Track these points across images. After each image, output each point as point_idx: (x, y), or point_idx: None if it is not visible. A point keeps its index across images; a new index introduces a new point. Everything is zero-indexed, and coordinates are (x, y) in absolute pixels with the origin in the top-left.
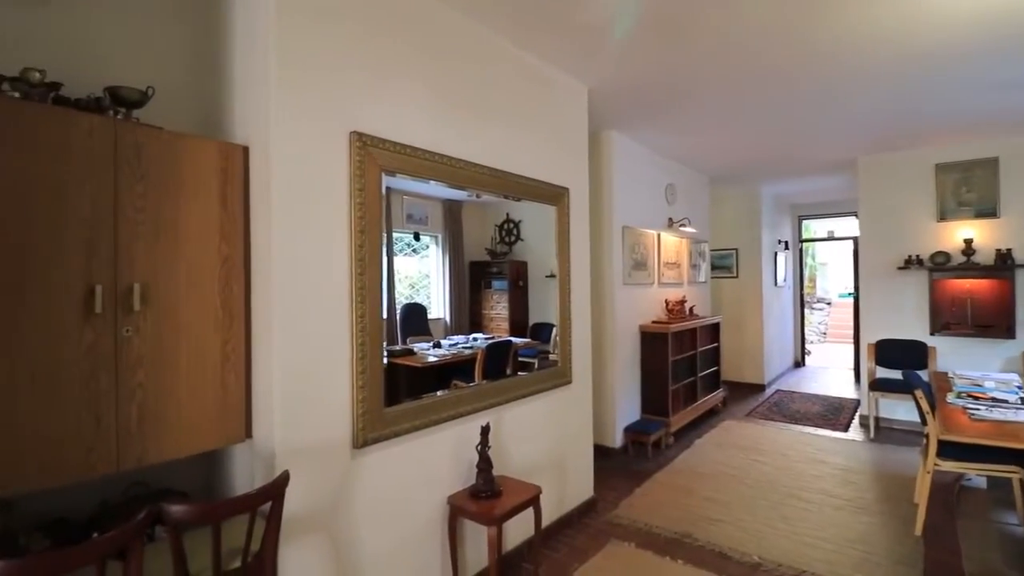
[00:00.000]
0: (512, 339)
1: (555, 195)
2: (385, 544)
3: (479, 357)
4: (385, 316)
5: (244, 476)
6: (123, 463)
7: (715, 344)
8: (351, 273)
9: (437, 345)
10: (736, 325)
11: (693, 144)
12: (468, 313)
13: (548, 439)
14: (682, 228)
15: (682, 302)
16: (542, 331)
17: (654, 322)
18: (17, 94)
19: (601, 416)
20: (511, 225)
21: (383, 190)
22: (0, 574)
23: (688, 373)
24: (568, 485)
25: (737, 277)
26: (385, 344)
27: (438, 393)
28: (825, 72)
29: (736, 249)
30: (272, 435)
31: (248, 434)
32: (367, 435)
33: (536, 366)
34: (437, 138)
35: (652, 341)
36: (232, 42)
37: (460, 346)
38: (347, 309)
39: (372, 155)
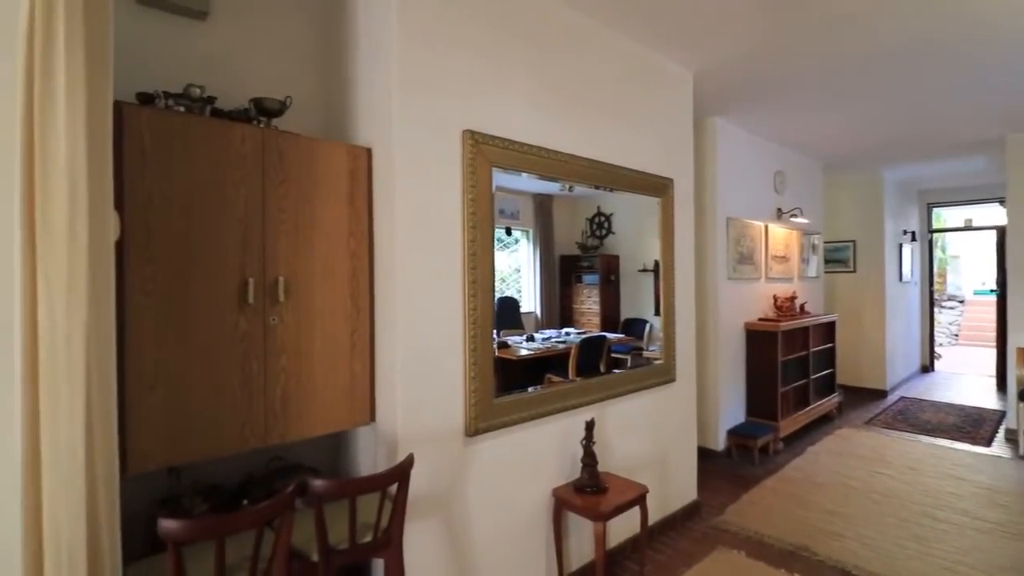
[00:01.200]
0: (606, 334)
1: (660, 187)
2: (494, 530)
3: (573, 352)
4: None
5: (367, 457)
6: (270, 439)
7: (830, 344)
8: (463, 267)
9: (530, 339)
10: (853, 324)
11: (805, 127)
12: (559, 307)
13: (650, 437)
14: (792, 219)
15: (792, 298)
16: (634, 327)
17: (761, 320)
18: (182, 108)
19: (702, 417)
20: (602, 218)
21: (492, 187)
22: (186, 530)
23: (799, 375)
24: (671, 486)
25: (854, 272)
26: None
27: (529, 389)
28: (966, 33)
29: (853, 241)
30: (395, 420)
31: (372, 418)
32: (478, 424)
33: (629, 363)
34: (543, 133)
35: (759, 340)
36: (356, 50)
37: (553, 340)
38: (460, 301)
39: (483, 152)
